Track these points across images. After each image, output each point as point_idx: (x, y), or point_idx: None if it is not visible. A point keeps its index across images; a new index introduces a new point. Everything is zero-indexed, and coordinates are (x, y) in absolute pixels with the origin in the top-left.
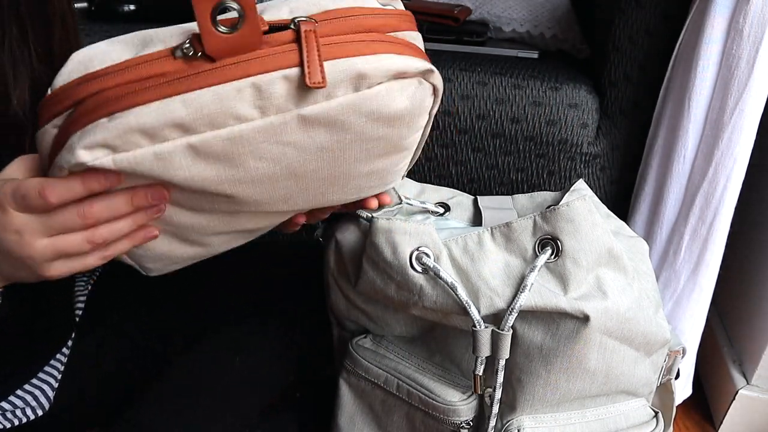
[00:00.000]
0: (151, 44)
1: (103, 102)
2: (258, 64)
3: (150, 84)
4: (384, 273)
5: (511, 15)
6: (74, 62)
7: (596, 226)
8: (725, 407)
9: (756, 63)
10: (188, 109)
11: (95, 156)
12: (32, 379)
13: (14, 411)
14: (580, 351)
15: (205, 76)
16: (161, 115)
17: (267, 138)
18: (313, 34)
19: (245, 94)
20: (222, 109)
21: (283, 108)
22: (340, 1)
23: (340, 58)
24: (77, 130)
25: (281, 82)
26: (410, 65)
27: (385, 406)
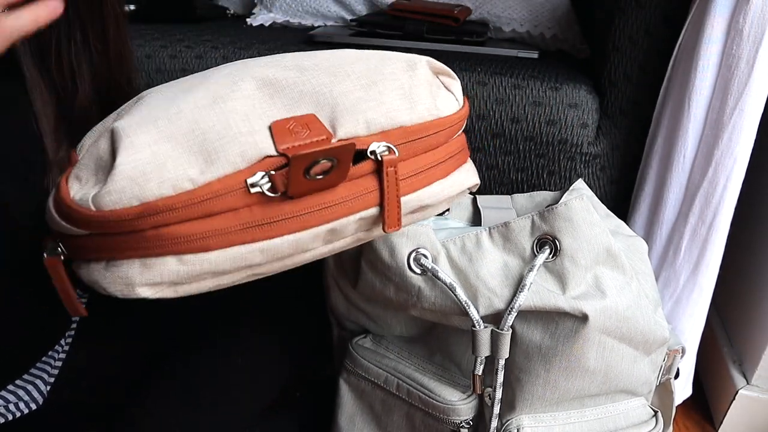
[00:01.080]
0: (216, 158)
1: (170, 239)
2: (340, 209)
3: (224, 226)
4: (382, 275)
5: (511, 15)
6: (125, 178)
7: (594, 225)
8: (725, 407)
9: (756, 63)
10: (264, 257)
11: (157, 291)
12: (24, 374)
13: (7, 406)
14: (579, 350)
15: (286, 224)
16: (237, 262)
17: (321, 256)
18: (394, 173)
19: (320, 236)
20: (296, 251)
21: (345, 237)
22: (415, 107)
23: (411, 194)
24: (132, 257)
25: (356, 223)
26: (463, 187)
27: (385, 405)
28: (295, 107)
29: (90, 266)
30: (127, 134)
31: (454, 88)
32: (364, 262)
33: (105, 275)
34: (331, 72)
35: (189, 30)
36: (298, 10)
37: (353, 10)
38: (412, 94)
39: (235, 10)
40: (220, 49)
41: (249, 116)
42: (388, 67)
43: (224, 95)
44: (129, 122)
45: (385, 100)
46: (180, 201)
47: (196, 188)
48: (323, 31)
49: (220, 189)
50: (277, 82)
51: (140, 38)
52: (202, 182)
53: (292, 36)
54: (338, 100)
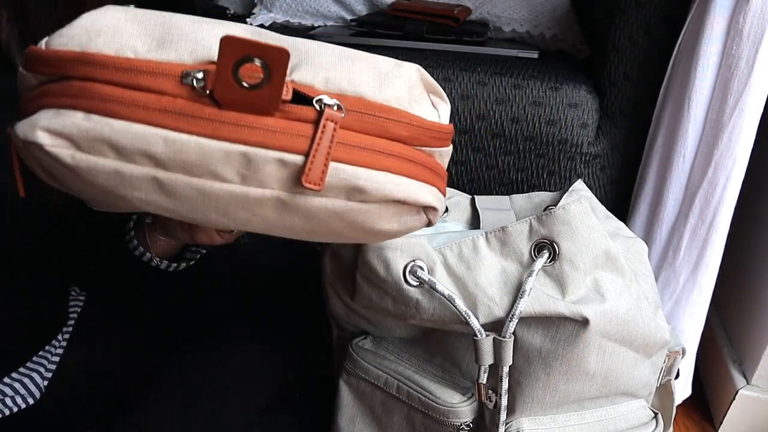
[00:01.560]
0: (169, 46)
1: (89, 94)
2: (260, 135)
3: (141, 101)
4: (379, 288)
5: (511, 15)
6: (80, 27)
7: (593, 228)
8: (725, 407)
9: (756, 63)
10: (167, 149)
11: (55, 144)
12: (20, 367)
13: (4, 400)
14: (580, 354)
15: (200, 124)
16: (138, 142)
17: (237, 204)
18: (333, 127)
19: (232, 159)
20: (201, 163)
21: (265, 185)
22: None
23: (347, 164)
24: (51, 106)
25: (275, 163)
26: (415, 198)
27: (385, 407)
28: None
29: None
30: (112, 7)
31: (441, 109)
32: (360, 276)
33: (24, 122)
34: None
35: None
36: (298, 10)
37: (353, 10)
38: (386, 80)
39: (235, 10)
40: None
41: (218, 30)
42: (376, 57)
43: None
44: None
45: (354, 71)
46: (115, 62)
47: (135, 58)
48: (323, 31)
49: (156, 68)
50: (265, 33)
51: None
52: (143, 57)
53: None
54: (310, 55)
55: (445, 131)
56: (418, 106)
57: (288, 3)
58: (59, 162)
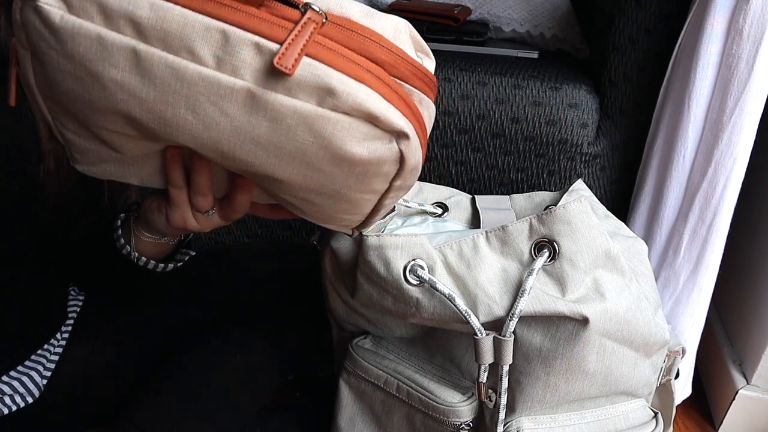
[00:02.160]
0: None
1: None
2: (241, 17)
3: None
4: (379, 287)
5: (511, 15)
6: None
7: (593, 227)
8: (725, 407)
9: (756, 63)
10: (152, 14)
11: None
12: (19, 366)
13: (2, 398)
14: (579, 353)
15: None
16: (125, 3)
17: (208, 92)
18: (313, 25)
19: (211, 36)
20: (181, 35)
21: (238, 73)
22: (371, 19)
23: (322, 63)
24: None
25: (251, 47)
26: (387, 116)
27: (385, 406)
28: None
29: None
30: None
31: (426, 63)
32: (360, 275)
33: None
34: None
35: None
36: None
37: None
38: (375, 15)
39: None
40: None
41: None
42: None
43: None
44: None
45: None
46: None
47: None
48: None
49: None
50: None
51: None
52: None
53: None
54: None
55: (427, 74)
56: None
57: None
58: (48, 24)
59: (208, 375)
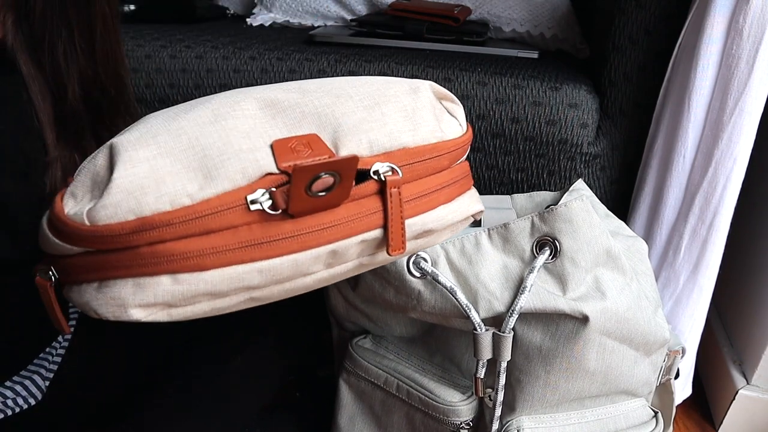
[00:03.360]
0: (217, 174)
1: (166, 257)
2: (341, 230)
3: (222, 244)
4: (382, 278)
5: (511, 15)
6: (122, 191)
7: (594, 226)
8: (725, 407)
9: (756, 63)
10: (263, 277)
11: (150, 313)
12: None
13: (5, 401)
14: (580, 351)
15: (285, 244)
16: (234, 283)
17: (324, 281)
18: (398, 194)
19: (321, 258)
20: (295, 273)
21: (347, 260)
22: (418, 131)
23: (415, 217)
24: (125, 276)
25: (358, 245)
26: (468, 213)
27: (385, 406)
28: (296, 127)
29: (81, 288)
30: (125, 148)
31: (458, 114)
32: None
33: (96, 297)
34: (334, 94)
35: (189, 30)
36: (298, 9)
37: (353, 10)
38: (415, 116)
39: (235, 10)
40: (220, 49)
41: (250, 134)
42: (392, 89)
43: (225, 113)
44: (128, 138)
45: (387, 121)
46: (177, 216)
47: (195, 204)
48: (323, 31)
49: (219, 205)
50: (279, 102)
51: (140, 38)
52: (200, 198)
53: (292, 36)
54: (340, 121)
55: (469, 139)
56: (444, 125)
57: (288, 3)
58: (156, 322)
59: (209, 375)
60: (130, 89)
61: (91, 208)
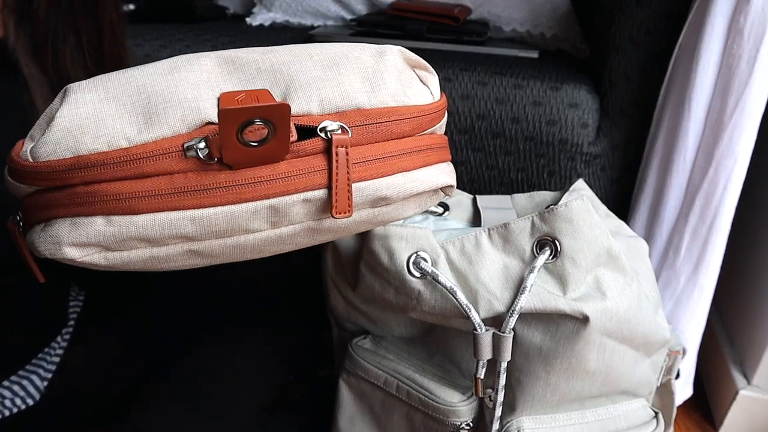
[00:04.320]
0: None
1: (100, 197)
2: (280, 185)
3: (155, 189)
4: (382, 278)
5: (511, 15)
6: (61, 129)
7: (595, 226)
8: (726, 408)
9: (756, 63)
10: (196, 226)
11: (85, 253)
12: (19, 370)
13: (3, 401)
14: (580, 352)
15: (220, 194)
16: (166, 229)
17: (272, 243)
18: (345, 152)
19: (260, 213)
20: (232, 226)
21: (295, 221)
22: (377, 92)
23: (366, 181)
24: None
25: (301, 204)
26: (433, 184)
27: (384, 407)
28: (249, 82)
29: (32, 230)
30: (74, 91)
31: (431, 82)
32: (363, 265)
33: (39, 236)
34: (294, 54)
35: (189, 30)
36: (298, 9)
37: (353, 10)
38: (375, 78)
39: (234, 9)
40: (219, 48)
41: (199, 85)
42: (355, 51)
43: (180, 66)
44: (82, 83)
45: (343, 81)
46: (113, 157)
47: (131, 146)
48: (323, 30)
49: (156, 150)
50: (238, 59)
51: (140, 38)
52: (137, 142)
53: (292, 35)
54: (294, 78)
55: (441, 107)
56: (411, 91)
57: (287, 2)
58: (93, 264)
59: (207, 375)
60: None
61: (34, 145)
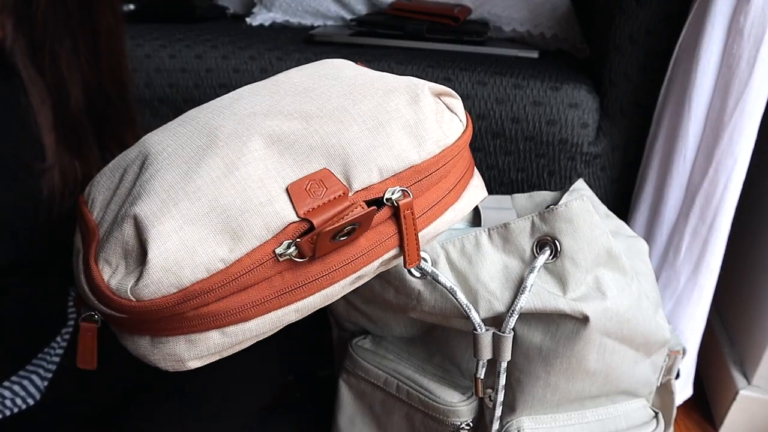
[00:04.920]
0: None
1: (212, 318)
2: (364, 260)
3: (259, 297)
4: (382, 278)
5: (512, 15)
6: (160, 269)
7: (595, 226)
8: (726, 408)
9: (756, 62)
10: (299, 314)
11: (206, 360)
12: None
13: (3, 402)
14: (580, 352)
15: (316, 284)
16: (275, 324)
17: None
18: (411, 215)
19: (348, 285)
20: (326, 302)
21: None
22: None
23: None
24: (177, 334)
25: (379, 265)
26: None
27: (384, 406)
28: (306, 163)
29: (134, 339)
30: (152, 224)
31: (457, 108)
32: None
33: (152, 351)
34: (337, 118)
35: (188, 29)
36: (298, 9)
37: (353, 10)
38: (419, 130)
39: (234, 9)
40: (219, 48)
41: (264, 181)
42: (392, 102)
43: (235, 161)
44: (150, 207)
45: (393, 143)
46: (215, 282)
47: (228, 266)
48: (323, 30)
49: (251, 263)
50: (285, 137)
51: (140, 38)
52: (232, 260)
53: (292, 35)
54: (348, 150)
55: (470, 133)
56: (446, 126)
57: (287, 2)
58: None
59: (207, 375)
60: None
61: (134, 286)
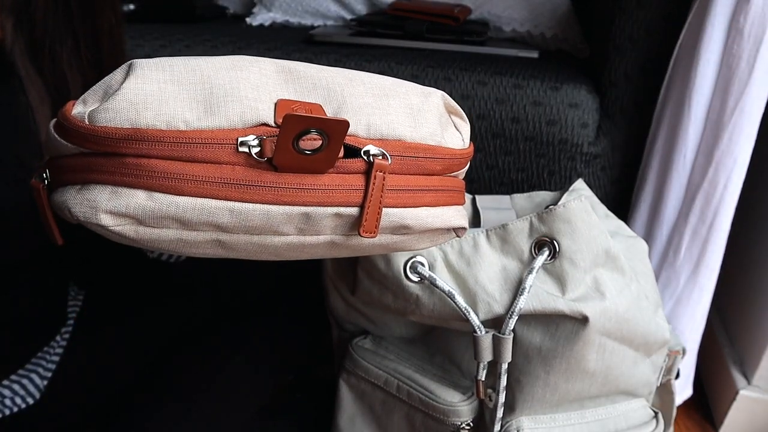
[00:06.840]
0: (217, 111)
1: (147, 172)
2: (319, 195)
3: (202, 175)
4: (380, 283)
5: (512, 15)
6: (125, 100)
7: (593, 226)
8: (726, 408)
9: (756, 62)
10: (233, 218)
11: (118, 223)
12: (19, 370)
13: (3, 401)
14: (579, 352)
15: (262, 192)
16: (204, 215)
17: (292, 249)
18: (382, 177)
19: (293, 219)
20: (265, 225)
21: (320, 233)
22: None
23: (395, 208)
24: (104, 183)
25: (332, 216)
26: (449, 224)
27: (385, 407)
28: (305, 95)
29: (65, 189)
30: (142, 66)
31: (463, 130)
32: (361, 270)
33: (75, 197)
34: (349, 77)
35: (189, 30)
36: (298, 9)
37: (353, 10)
38: (419, 115)
39: (234, 9)
40: (219, 48)
41: (259, 87)
42: (404, 87)
43: (243, 66)
44: (149, 61)
45: (391, 112)
46: (168, 136)
47: (188, 130)
48: (323, 30)
49: (210, 138)
50: (296, 71)
51: (140, 38)
52: (195, 127)
53: (292, 35)
54: (347, 99)
55: (469, 154)
56: (447, 134)
57: (287, 2)
58: (122, 236)
59: (207, 375)
60: None
61: (93, 109)
